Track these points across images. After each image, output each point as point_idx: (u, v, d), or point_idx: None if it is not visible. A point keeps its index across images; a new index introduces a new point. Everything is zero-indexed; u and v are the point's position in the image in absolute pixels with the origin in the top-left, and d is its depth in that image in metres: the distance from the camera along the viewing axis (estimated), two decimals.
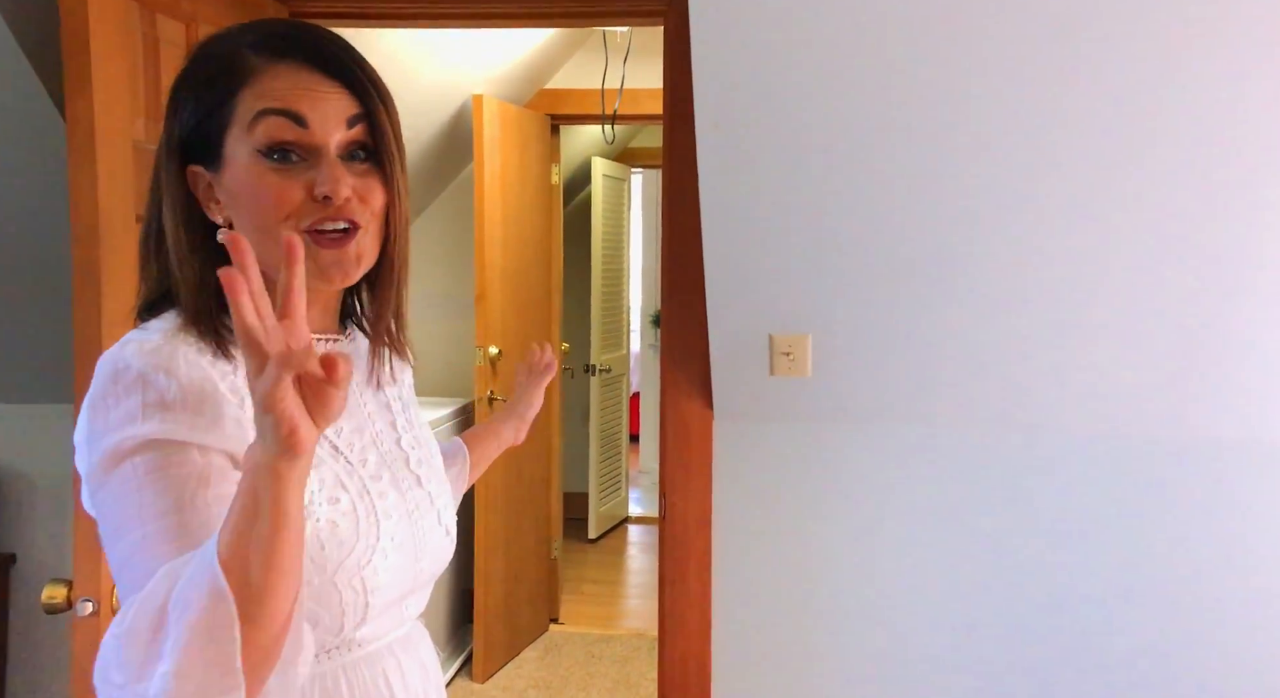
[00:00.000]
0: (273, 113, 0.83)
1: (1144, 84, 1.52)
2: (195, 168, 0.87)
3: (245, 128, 0.84)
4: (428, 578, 0.99)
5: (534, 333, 3.81)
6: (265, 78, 0.85)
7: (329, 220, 0.85)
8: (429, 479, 1.00)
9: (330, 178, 0.84)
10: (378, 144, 0.88)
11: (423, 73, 2.99)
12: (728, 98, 1.62)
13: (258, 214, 0.85)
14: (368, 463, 0.93)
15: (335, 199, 0.84)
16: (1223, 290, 1.69)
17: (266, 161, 0.84)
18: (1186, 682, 1.86)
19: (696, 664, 2.02)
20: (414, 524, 0.95)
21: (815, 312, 1.82)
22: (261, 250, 0.85)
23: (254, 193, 0.84)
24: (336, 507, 0.87)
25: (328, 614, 0.87)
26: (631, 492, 5.82)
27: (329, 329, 0.97)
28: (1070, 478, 1.87)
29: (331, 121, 0.85)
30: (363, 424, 0.96)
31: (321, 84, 0.85)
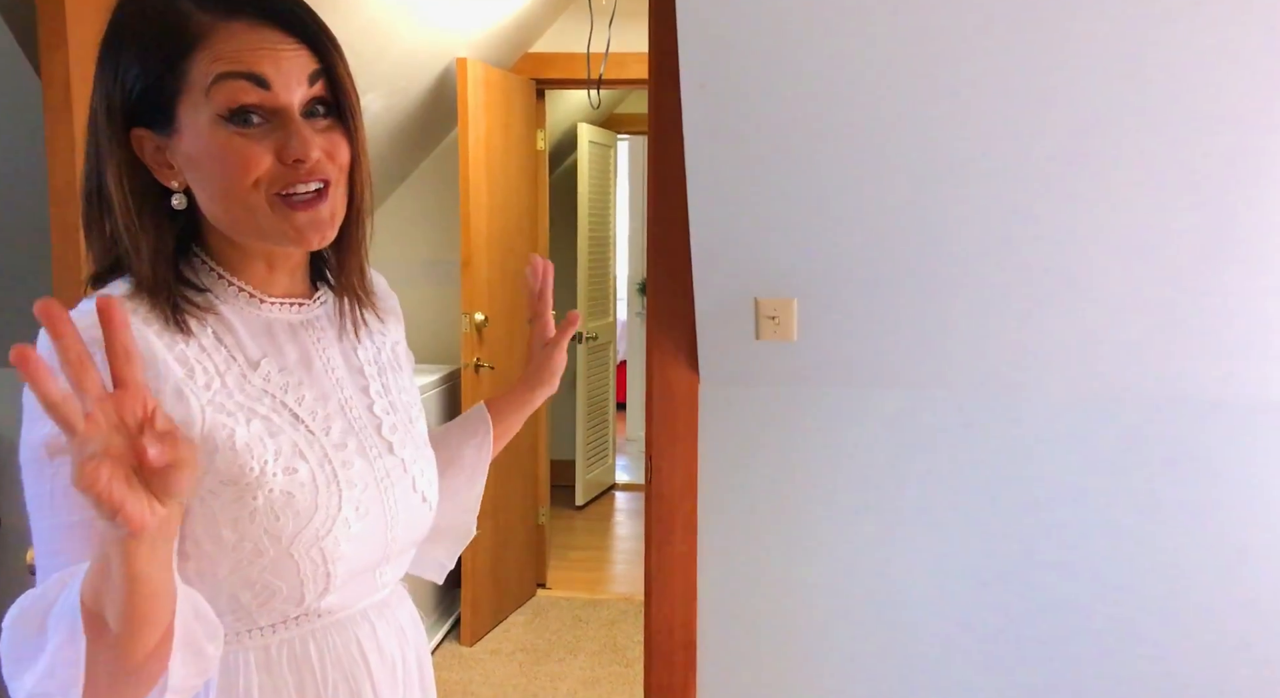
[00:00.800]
0: (232, 76, 0.80)
1: (1135, 47, 1.51)
2: (141, 131, 0.84)
3: (203, 93, 0.81)
4: (403, 546, 0.97)
5: (520, 299, 3.80)
6: (218, 38, 0.81)
7: (300, 183, 0.83)
8: (403, 445, 0.97)
9: (301, 141, 0.82)
10: (338, 99, 0.86)
11: (404, 35, 2.95)
12: (714, 58, 1.60)
13: (224, 180, 0.82)
14: (331, 431, 0.91)
15: (308, 162, 0.82)
16: (1210, 256, 1.69)
17: (229, 126, 0.81)
18: (1179, 641, 1.90)
19: (682, 626, 2.04)
20: (384, 493, 0.93)
21: (801, 276, 1.82)
22: (230, 218, 0.85)
23: (219, 159, 0.81)
24: (294, 477, 0.85)
25: (285, 585, 0.86)
26: (618, 459, 5.84)
27: (300, 293, 0.95)
28: (1061, 440, 1.89)
29: (293, 80, 0.82)
30: (328, 391, 0.93)
31: (280, 41, 0.82)
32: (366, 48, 2.76)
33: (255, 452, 0.84)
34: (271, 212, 0.84)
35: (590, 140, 4.80)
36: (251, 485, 0.83)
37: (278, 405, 0.88)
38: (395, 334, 1.07)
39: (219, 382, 0.85)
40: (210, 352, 0.86)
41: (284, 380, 0.90)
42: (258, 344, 0.89)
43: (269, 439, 0.85)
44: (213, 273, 0.89)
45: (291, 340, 0.92)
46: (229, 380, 0.86)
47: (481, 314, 3.44)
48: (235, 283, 0.90)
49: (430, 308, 3.76)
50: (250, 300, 0.90)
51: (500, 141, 3.53)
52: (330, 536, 0.87)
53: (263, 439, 0.85)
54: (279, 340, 0.91)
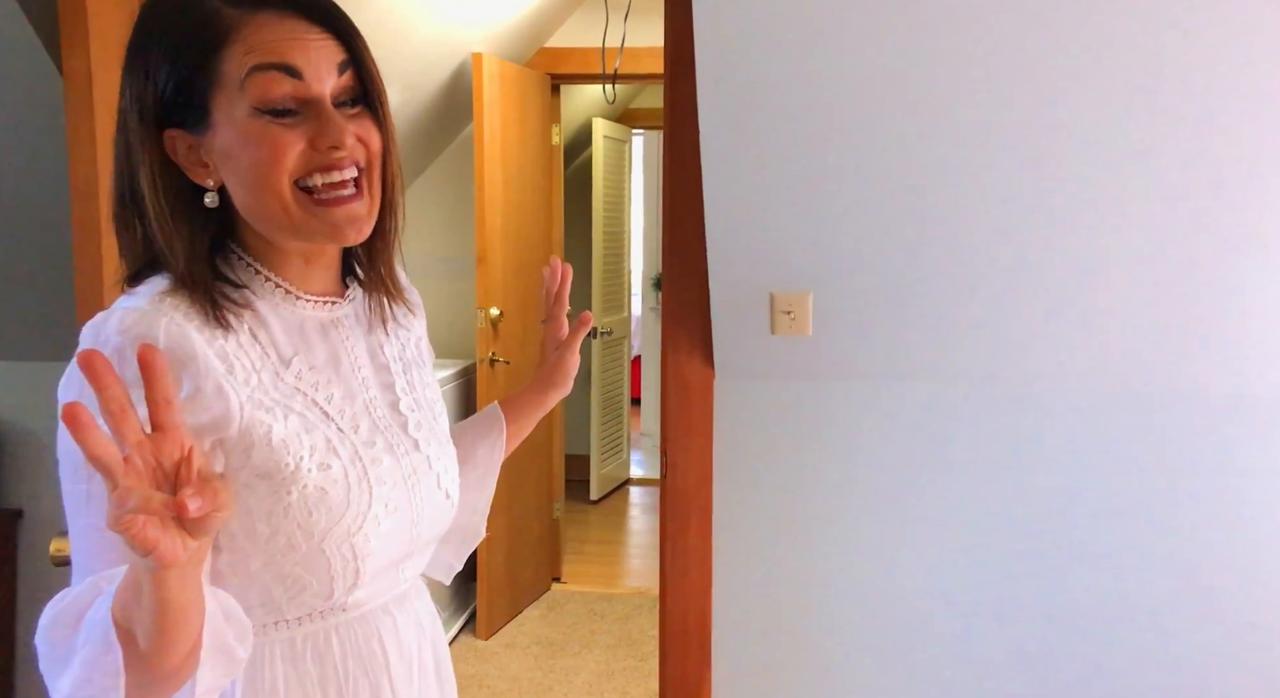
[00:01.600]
0: (266, 68, 0.81)
1: (1150, 40, 1.50)
2: (174, 131, 0.84)
3: (237, 87, 0.81)
4: (426, 541, 0.98)
5: (535, 294, 3.81)
6: (248, 30, 0.82)
7: (335, 168, 0.84)
8: (428, 442, 0.98)
9: (336, 128, 0.83)
10: (367, 88, 0.87)
11: (420, 30, 2.96)
12: (730, 52, 1.60)
13: (259, 171, 0.83)
14: (360, 429, 0.91)
15: (342, 149, 0.83)
16: (1223, 250, 1.68)
17: (264, 118, 0.82)
18: (1195, 635, 1.89)
19: (697, 620, 2.04)
20: (410, 490, 0.94)
21: (817, 270, 1.82)
22: (264, 212, 0.85)
23: (254, 149, 0.82)
24: (327, 473, 0.86)
25: (315, 580, 0.87)
26: (633, 454, 5.85)
27: (333, 291, 0.96)
28: (1078, 435, 1.88)
29: (323, 70, 0.83)
30: (355, 390, 0.93)
31: (308, 31, 0.83)
32: (381, 43, 2.77)
33: (291, 447, 0.85)
34: (303, 208, 0.84)
35: (605, 135, 4.80)
36: (287, 481, 0.84)
37: (309, 403, 0.89)
38: (418, 330, 1.08)
39: (256, 378, 0.85)
40: (247, 348, 0.86)
41: (314, 378, 0.90)
42: (290, 342, 0.90)
43: (304, 435, 0.86)
44: (250, 268, 0.90)
45: (321, 339, 0.93)
46: (264, 377, 0.86)
47: (497, 309, 3.45)
48: (272, 278, 0.90)
49: (445, 303, 3.77)
50: (286, 297, 0.91)
51: (515, 137, 3.54)
52: (361, 532, 0.88)
53: (299, 435, 0.86)
54: (310, 338, 0.92)
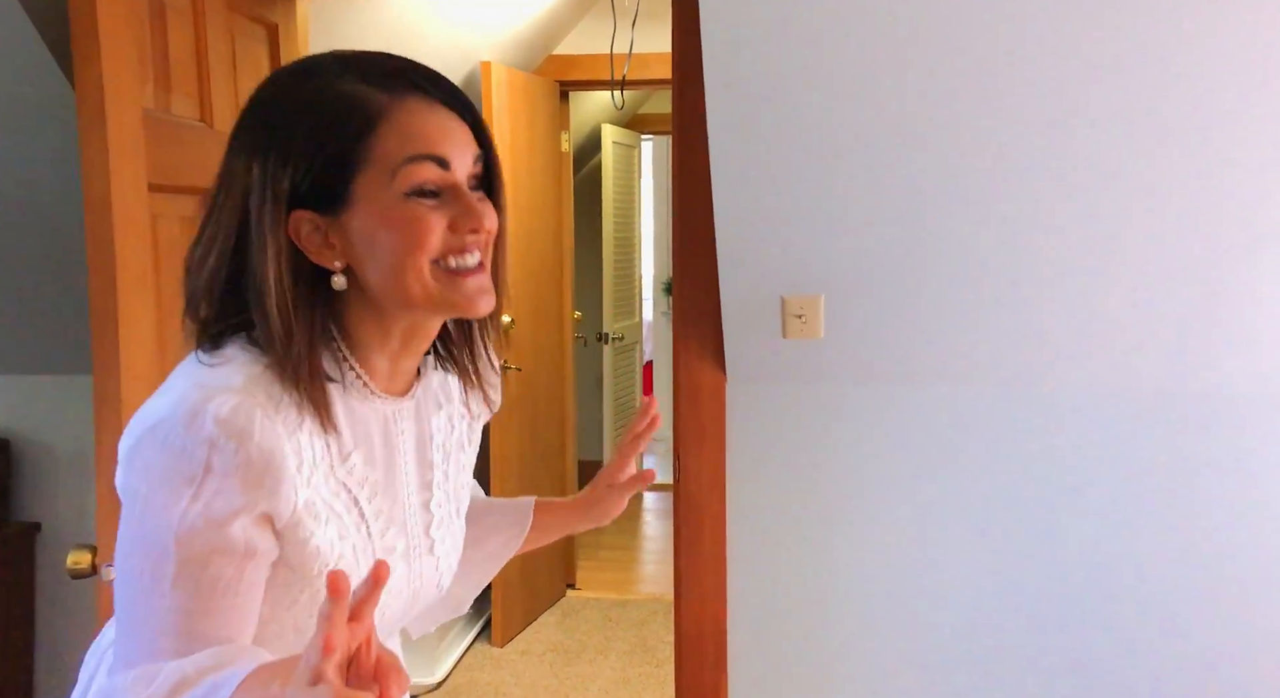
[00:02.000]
0: (422, 158, 0.84)
1: (1165, 41, 1.50)
2: (301, 213, 0.84)
3: (389, 172, 0.83)
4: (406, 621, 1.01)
5: (546, 301, 3.82)
6: (399, 115, 0.84)
7: (467, 252, 0.87)
8: (443, 541, 0.99)
9: (478, 213, 0.86)
10: (492, 178, 0.91)
11: (429, 39, 2.97)
12: (737, 57, 1.60)
13: (402, 251, 0.84)
14: (386, 534, 0.92)
15: (489, 230, 0.87)
16: (1234, 248, 1.67)
17: (418, 200, 0.84)
18: (1213, 635, 1.87)
19: (712, 625, 2.04)
20: (411, 591, 0.96)
21: (827, 273, 1.82)
22: (401, 290, 0.85)
23: (401, 231, 0.84)
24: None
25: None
26: (646, 459, 5.84)
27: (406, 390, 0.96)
28: (1091, 436, 1.87)
29: (467, 159, 0.87)
30: (398, 491, 0.93)
31: (450, 121, 0.87)
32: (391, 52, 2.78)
33: (323, 555, 0.86)
34: (438, 283, 0.86)
35: (614, 141, 4.81)
36: (306, 581, 0.86)
37: (350, 503, 0.89)
38: (477, 407, 1.06)
39: (314, 474, 0.85)
40: (313, 438, 0.85)
41: (364, 474, 0.90)
42: (352, 435, 0.89)
43: (337, 543, 0.87)
44: (342, 360, 0.89)
45: (381, 435, 0.92)
46: (319, 472, 0.86)
47: (508, 316, 3.46)
48: (360, 374, 0.90)
49: None
50: (362, 390, 0.90)
51: (525, 144, 3.55)
52: None
53: (333, 543, 0.87)
54: (371, 433, 0.91)
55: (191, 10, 1.73)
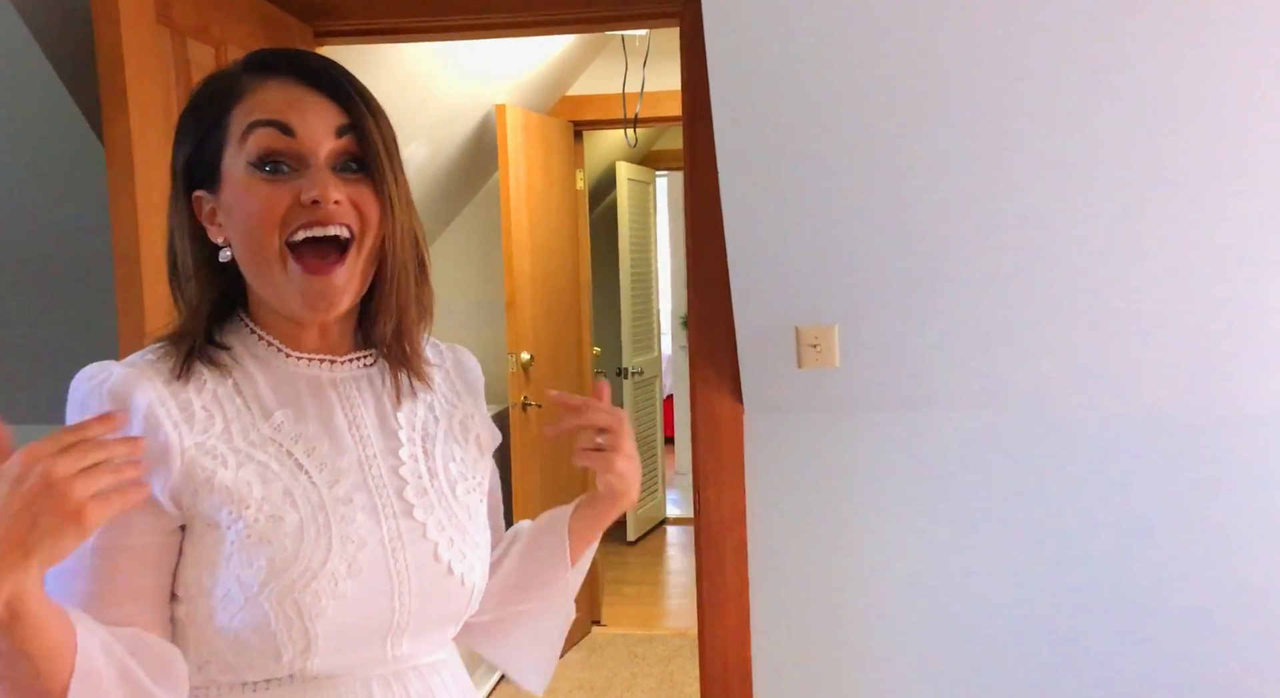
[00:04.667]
0: (261, 124, 0.86)
1: (1167, 71, 1.51)
2: (199, 193, 0.90)
3: (238, 142, 0.87)
4: (425, 619, 0.92)
5: (565, 337, 3.85)
6: (255, 93, 0.88)
7: (318, 224, 0.86)
8: (428, 510, 0.93)
9: (318, 182, 0.85)
10: (365, 153, 0.88)
11: (445, 85, 3.04)
12: (744, 93, 1.64)
13: (249, 223, 0.86)
14: (338, 484, 0.90)
15: (324, 201, 0.85)
16: (1245, 268, 1.68)
17: (259, 173, 0.86)
18: (1227, 651, 1.85)
19: (737, 657, 2.03)
20: (391, 555, 0.90)
21: (840, 303, 1.83)
22: (253, 268, 0.89)
23: (246, 202, 0.86)
24: (278, 524, 0.85)
25: (258, 639, 0.85)
26: (669, 493, 5.83)
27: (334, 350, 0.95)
28: (1105, 459, 1.87)
29: (319, 131, 0.87)
30: (346, 447, 0.92)
31: (308, 95, 0.88)
32: (407, 100, 2.85)
33: (236, 494, 0.86)
34: (284, 268, 0.87)
35: (629, 178, 4.86)
36: (229, 529, 0.85)
37: (282, 454, 0.89)
38: (468, 408, 1.04)
39: (221, 427, 0.88)
40: (223, 400, 0.89)
41: (297, 431, 0.91)
42: (277, 396, 0.92)
43: (258, 484, 0.86)
44: (246, 328, 0.94)
45: (314, 395, 0.93)
46: (234, 428, 0.89)
47: (528, 353, 3.49)
48: (265, 337, 0.93)
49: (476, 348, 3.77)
50: (276, 354, 0.93)
51: (541, 183, 3.60)
52: (309, 589, 0.85)
53: (250, 483, 0.86)
54: (300, 394, 0.93)
55: (215, 65, 1.79)
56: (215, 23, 1.77)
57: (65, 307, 2.04)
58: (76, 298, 2.01)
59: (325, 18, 2.10)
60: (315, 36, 2.12)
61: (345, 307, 0.90)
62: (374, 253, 0.89)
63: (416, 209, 0.95)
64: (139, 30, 1.54)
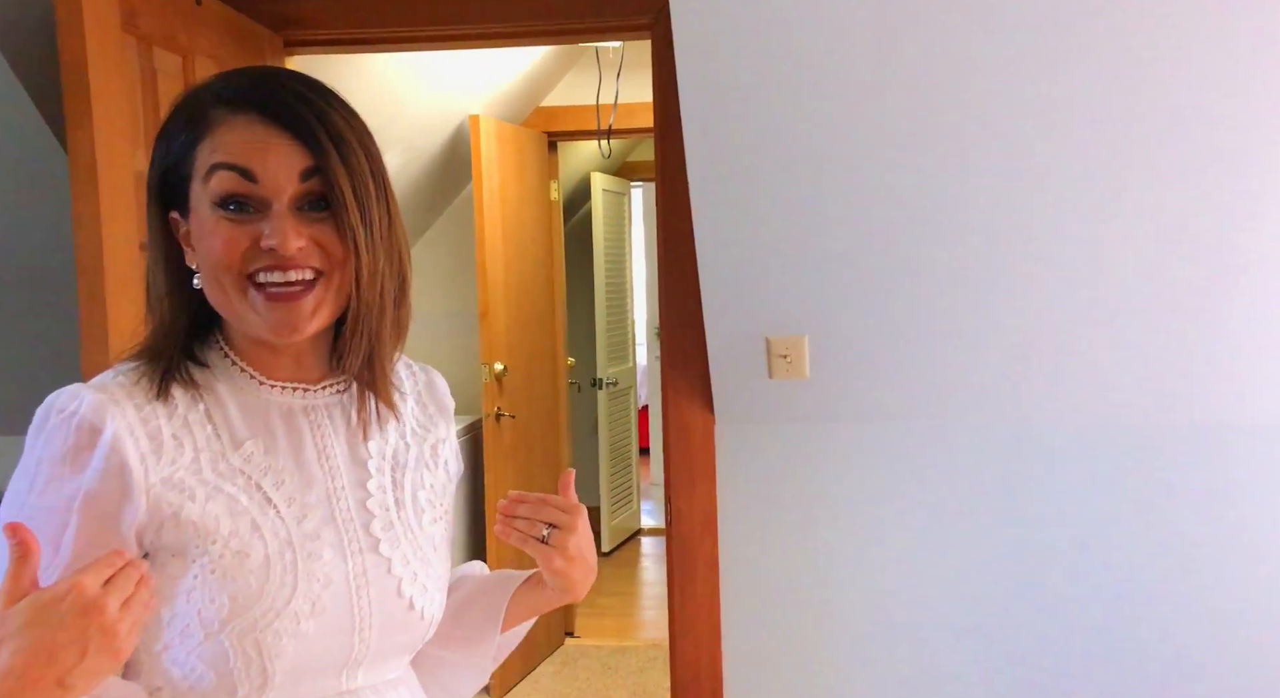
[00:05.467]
0: (223, 167, 0.85)
1: (1135, 76, 1.54)
2: (174, 215, 0.90)
3: (202, 180, 0.86)
4: (382, 651, 0.92)
5: (539, 348, 3.84)
6: (221, 130, 0.86)
7: (278, 269, 0.85)
8: (394, 544, 0.93)
9: (276, 230, 0.84)
10: (329, 196, 0.86)
11: (419, 96, 3.03)
12: (714, 105, 1.64)
13: (210, 261, 0.86)
14: (306, 520, 0.89)
15: (283, 250, 0.84)
16: (1217, 278, 1.70)
17: (221, 212, 0.85)
18: (1197, 664, 1.87)
19: (708, 667, 2.03)
20: (355, 592, 0.89)
21: (810, 313, 1.84)
22: (216, 299, 0.88)
23: (208, 240, 0.86)
24: (244, 561, 0.85)
25: (214, 674, 0.84)
26: (643, 504, 5.82)
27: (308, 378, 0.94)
28: (1073, 469, 1.89)
29: (282, 175, 0.85)
30: (315, 479, 0.91)
31: (273, 137, 0.85)
32: (380, 111, 2.84)
33: (202, 529, 0.85)
34: (244, 297, 0.86)
35: (604, 189, 4.87)
36: (193, 563, 0.84)
37: (251, 487, 0.88)
38: (440, 433, 1.04)
39: (190, 456, 0.87)
40: (194, 426, 0.88)
41: (266, 463, 0.90)
42: (248, 425, 0.90)
43: (225, 519, 0.85)
44: (220, 351, 0.92)
45: (285, 424, 0.92)
46: (203, 458, 0.87)
47: (501, 364, 3.48)
48: (238, 363, 0.92)
49: (449, 359, 3.79)
50: (250, 382, 0.92)
51: (514, 194, 3.60)
52: (270, 629, 0.84)
53: (217, 517, 0.85)
54: (272, 424, 0.91)
55: (183, 75, 1.77)
56: (182, 31, 1.75)
57: (27, 317, 2.02)
58: (38, 308, 1.99)
59: (295, 27, 2.09)
60: (285, 46, 2.11)
61: (313, 331, 0.89)
62: (344, 287, 0.88)
63: (403, 226, 0.93)
64: (104, 38, 1.53)
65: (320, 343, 0.94)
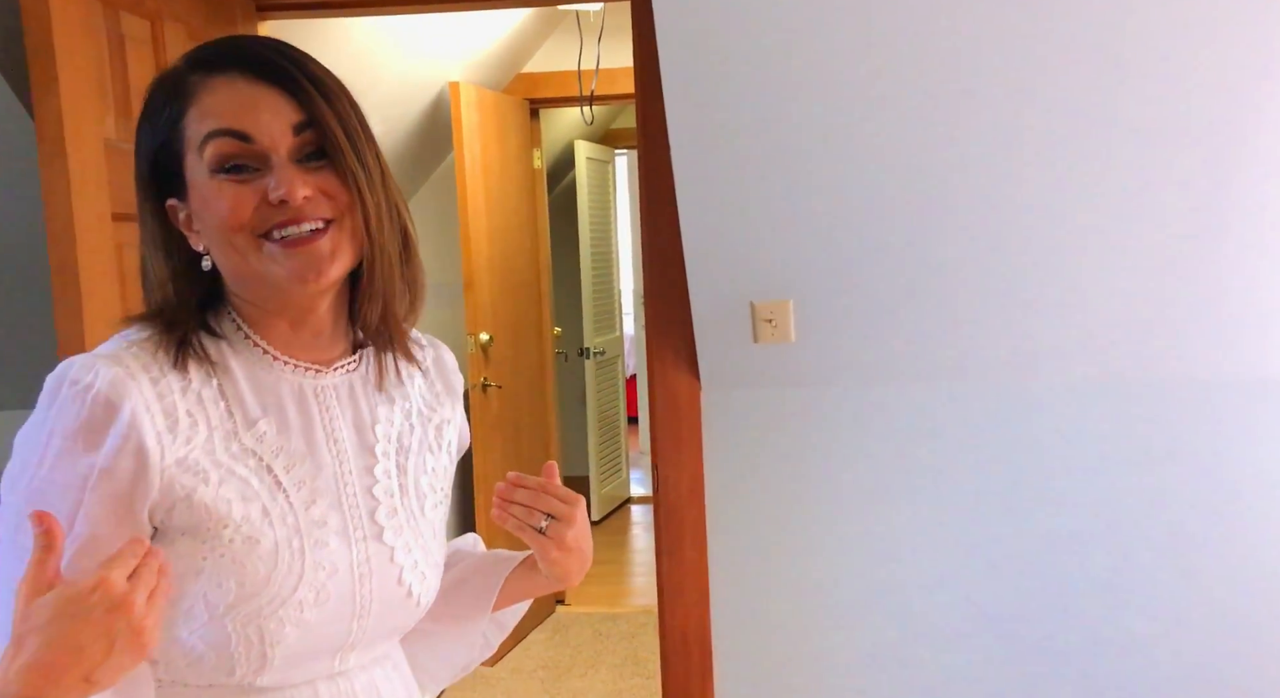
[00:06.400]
0: (217, 134, 0.84)
1: (1126, 32, 1.52)
2: (172, 202, 0.87)
3: (197, 151, 0.84)
4: (376, 635, 0.93)
5: (525, 318, 3.82)
6: (204, 95, 0.84)
7: (292, 223, 0.84)
8: (397, 532, 0.92)
9: (283, 180, 0.83)
10: (326, 145, 0.85)
11: (396, 62, 2.99)
12: (695, 68, 1.62)
13: (216, 226, 0.84)
14: (314, 506, 0.88)
15: (292, 200, 0.83)
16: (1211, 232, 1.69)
17: (222, 175, 0.84)
18: (1189, 619, 1.88)
19: (697, 633, 2.04)
20: (358, 580, 0.89)
21: (795, 277, 1.83)
22: (230, 266, 0.87)
23: (212, 207, 0.84)
24: (253, 548, 0.84)
25: (213, 654, 0.84)
26: (632, 473, 5.84)
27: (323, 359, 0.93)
28: (1065, 427, 1.89)
29: (276, 130, 0.84)
30: (324, 462, 0.90)
31: (260, 93, 0.84)
32: (358, 78, 2.79)
33: (215, 513, 0.84)
34: (260, 253, 0.85)
35: (587, 157, 4.83)
36: (205, 544, 0.84)
37: (262, 469, 0.87)
38: (445, 414, 1.03)
39: (204, 435, 0.85)
40: (208, 403, 0.86)
41: (279, 443, 0.89)
42: (260, 403, 0.89)
43: (237, 503, 0.84)
44: (233, 324, 0.90)
45: (297, 405, 0.91)
46: (216, 436, 0.86)
47: (486, 334, 3.46)
48: (252, 337, 0.90)
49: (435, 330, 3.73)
50: (264, 358, 0.90)
51: (497, 162, 3.56)
52: (275, 616, 0.84)
53: (229, 502, 0.84)
54: (284, 403, 0.90)
55: (151, 40, 1.74)
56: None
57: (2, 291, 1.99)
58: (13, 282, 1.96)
59: None
60: (258, 10, 2.07)
61: (336, 275, 0.87)
62: (356, 231, 0.87)
63: (395, 183, 0.92)
64: (69, 2, 1.49)
65: (338, 316, 0.93)
